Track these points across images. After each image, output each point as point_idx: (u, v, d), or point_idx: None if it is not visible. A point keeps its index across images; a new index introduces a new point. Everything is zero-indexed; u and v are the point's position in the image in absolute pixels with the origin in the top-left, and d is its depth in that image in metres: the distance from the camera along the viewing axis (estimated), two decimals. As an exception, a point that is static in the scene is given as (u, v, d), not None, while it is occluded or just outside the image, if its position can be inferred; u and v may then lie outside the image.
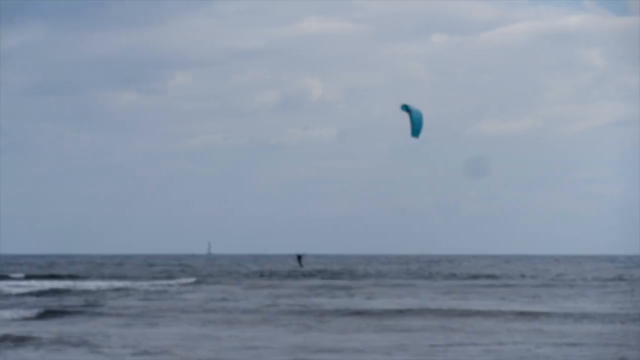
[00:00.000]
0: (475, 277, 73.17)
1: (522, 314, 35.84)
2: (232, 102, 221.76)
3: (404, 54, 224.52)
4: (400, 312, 37.04)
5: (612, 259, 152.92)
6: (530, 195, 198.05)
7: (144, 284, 62.03)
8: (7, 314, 36.94)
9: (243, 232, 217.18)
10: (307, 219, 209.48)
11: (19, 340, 27.30)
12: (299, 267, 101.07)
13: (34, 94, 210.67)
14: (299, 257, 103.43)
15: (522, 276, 72.00)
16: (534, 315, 35.54)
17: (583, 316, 35.12)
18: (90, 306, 41.76)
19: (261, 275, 79.37)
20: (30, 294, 52.47)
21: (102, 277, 74.32)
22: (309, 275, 75.87)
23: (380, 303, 42.56)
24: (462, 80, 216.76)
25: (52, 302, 44.56)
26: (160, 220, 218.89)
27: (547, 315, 35.60)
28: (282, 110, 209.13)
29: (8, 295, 51.01)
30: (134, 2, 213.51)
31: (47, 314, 37.36)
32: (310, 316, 35.56)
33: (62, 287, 59.17)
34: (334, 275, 74.64)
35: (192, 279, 69.22)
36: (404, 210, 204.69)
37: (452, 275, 74.25)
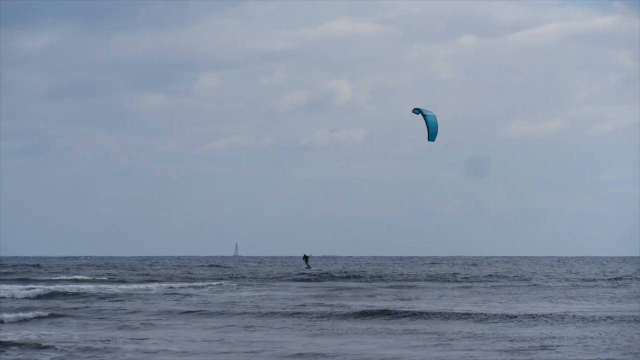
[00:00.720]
0: (506, 277, 72.44)
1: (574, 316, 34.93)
2: (259, 103, 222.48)
3: (431, 55, 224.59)
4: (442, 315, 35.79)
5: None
6: (558, 197, 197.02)
7: (194, 285, 61.86)
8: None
9: (270, 233, 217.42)
10: (335, 221, 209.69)
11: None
12: (306, 268, 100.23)
13: (61, 96, 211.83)
14: (306, 258, 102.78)
15: (565, 278, 71.03)
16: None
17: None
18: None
19: (299, 274, 78.32)
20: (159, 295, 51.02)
21: (152, 279, 73.86)
22: (345, 276, 75.02)
23: (429, 305, 41.52)
24: (490, 82, 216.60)
25: (171, 304, 43.08)
26: (188, 222, 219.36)
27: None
28: (310, 111, 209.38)
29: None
30: (161, 3, 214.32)
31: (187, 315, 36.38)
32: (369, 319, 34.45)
33: (142, 288, 58.45)
34: (372, 277, 73.80)
35: (232, 282, 68.69)
36: (431, 212, 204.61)
37: (489, 277, 73.45)
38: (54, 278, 72.13)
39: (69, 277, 74.92)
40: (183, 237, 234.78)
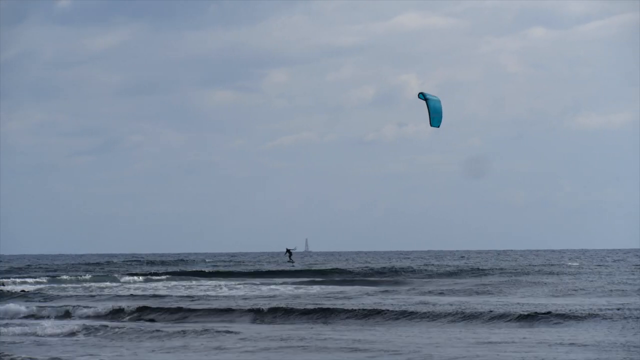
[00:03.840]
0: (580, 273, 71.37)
1: None
2: (327, 99, 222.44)
3: (500, 48, 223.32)
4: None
5: None
6: (627, 189, 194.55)
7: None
8: None
9: (339, 228, 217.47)
10: (403, 215, 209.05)
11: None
12: (289, 263, 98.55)
13: (130, 93, 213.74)
14: (289, 252, 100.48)
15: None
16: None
17: None
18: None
19: (379, 271, 77.58)
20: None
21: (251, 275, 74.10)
22: (426, 272, 73.91)
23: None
24: (559, 74, 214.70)
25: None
26: (256, 218, 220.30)
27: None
28: (378, 106, 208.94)
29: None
30: (230, 0, 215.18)
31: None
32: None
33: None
34: (454, 273, 72.92)
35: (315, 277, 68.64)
36: (498, 205, 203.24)
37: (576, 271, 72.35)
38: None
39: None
40: (252, 234, 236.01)
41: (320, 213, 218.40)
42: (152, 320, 34.16)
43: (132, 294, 47.92)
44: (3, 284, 59.44)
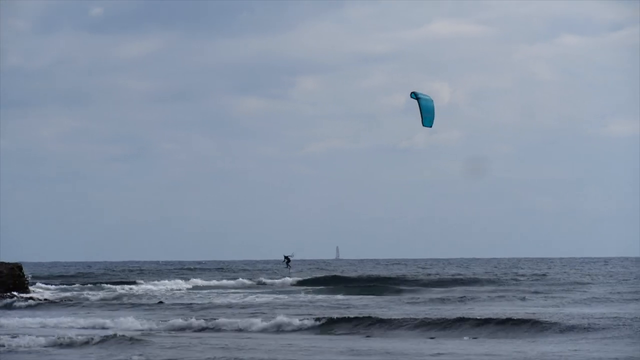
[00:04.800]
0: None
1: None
2: (358, 106, 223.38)
3: (531, 55, 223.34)
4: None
5: None
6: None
7: None
8: None
9: (370, 236, 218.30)
10: (434, 222, 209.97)
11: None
12: (287, 269, 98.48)
13: (161, 100, 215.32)
14: (287, 259, 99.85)
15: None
16: None
17: None
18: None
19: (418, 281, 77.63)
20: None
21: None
22: (463, 282, 74.54)
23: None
24: (589, 81, 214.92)
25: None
26: (286, 225, 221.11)
27: None
28: (409, 114, 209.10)
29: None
30: (262, 8, 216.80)
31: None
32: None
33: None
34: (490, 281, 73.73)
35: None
36: (527, 212, 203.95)
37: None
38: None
39: None
40: (282, 241, 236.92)
41: (351, 220, 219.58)
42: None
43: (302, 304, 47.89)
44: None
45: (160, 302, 50.62)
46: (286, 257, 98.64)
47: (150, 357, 25.76)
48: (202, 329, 34.67)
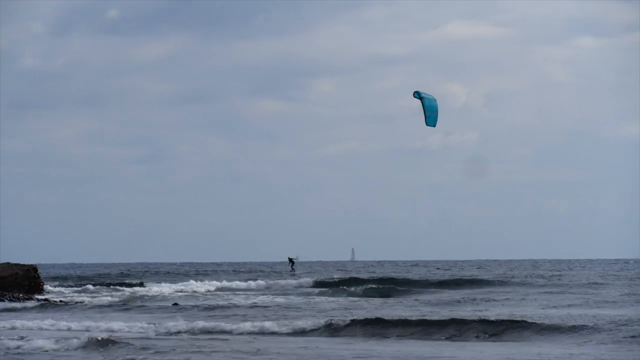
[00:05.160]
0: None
1: None
2: (373, 108, 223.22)
3: (547, 57, 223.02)
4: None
5: None
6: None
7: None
8: None
9: (385, 237, 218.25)
10: (449, 224, 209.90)
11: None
12: (292, 271, 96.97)
13: (177, 103, 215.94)
14: (291, 261, 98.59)
15: None
16: None
17: None
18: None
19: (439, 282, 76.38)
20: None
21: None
22: (477, 282, 73.90)
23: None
24: (607, 83, 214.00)
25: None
26: (302, 227, 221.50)
27: None
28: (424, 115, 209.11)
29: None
30: (279, 10, 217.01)
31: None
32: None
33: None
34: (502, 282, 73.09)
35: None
36: (543, 214, 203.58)
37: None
38: None
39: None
40: (298, 243, 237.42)
41: (366, 222, 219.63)
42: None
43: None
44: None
45: (175, 304, 50.30)
46: (290, 260, 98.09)
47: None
48: (222, 332, 33.96)
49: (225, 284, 76.30)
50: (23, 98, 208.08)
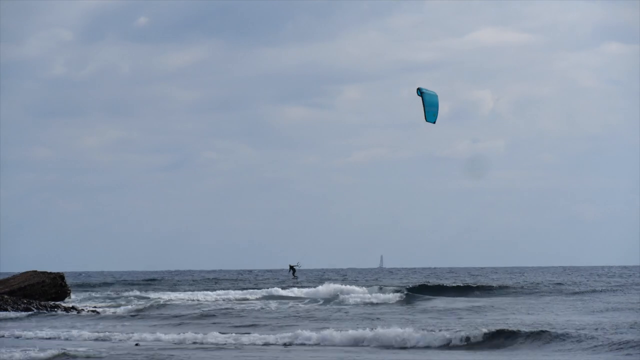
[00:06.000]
0: None
1: None
2: (400, 115, 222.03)
3: (575, 63, 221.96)
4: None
5: None
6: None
7: None
8: None
9: (413, 245, 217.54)
10: (476, 231, 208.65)
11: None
12: (293, 279, 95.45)
13: (204, 110, 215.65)
14: (292, 268, 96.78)
15: None
16: None
17: None
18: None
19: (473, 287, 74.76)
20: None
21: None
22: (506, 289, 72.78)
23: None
24: (635, 89, 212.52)
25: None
26: (329, 234, 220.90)
27: None
28: (452, 122, 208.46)
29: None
30: (307, 17, 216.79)
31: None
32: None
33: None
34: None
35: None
36: (572, 220, 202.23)
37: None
38: None
39: None
40: (326, 250, 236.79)
41: (393, 229, 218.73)
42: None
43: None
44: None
45: (214, 316, 48.18)
46: (292, 267, 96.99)
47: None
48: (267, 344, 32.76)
49: (269, 291, 72.01)
50: (51, 106, 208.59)
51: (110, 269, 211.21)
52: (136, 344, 32.84)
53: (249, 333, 35.62)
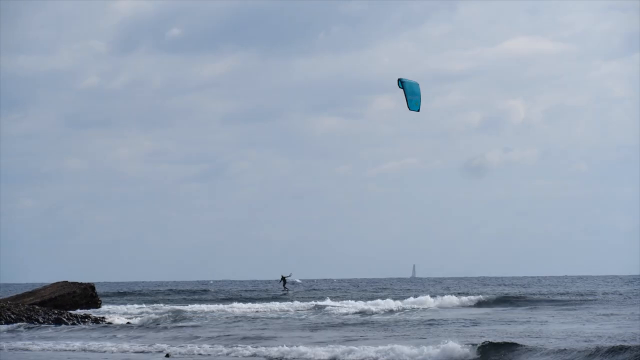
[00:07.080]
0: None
1: None
2: (433, 124, 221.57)
3: (607, 72, 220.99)
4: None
5: None
6: None
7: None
8: None
9: (445, 254, 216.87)
10: (510, 241, 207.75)
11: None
12: (284, 290, 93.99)
13: (237, 120, 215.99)
14: (284, 279, 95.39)
15: None
16: None
17: None
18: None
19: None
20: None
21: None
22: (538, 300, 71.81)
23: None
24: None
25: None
26: (362, 243, 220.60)
27: None
28: (484, 131, 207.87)
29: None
30: (340, 27, 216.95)
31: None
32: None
33: None
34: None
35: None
36: (603, 228, 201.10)
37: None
38: None
39: None
40: (357, 260, 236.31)
41: (426, 238, 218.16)
42: None
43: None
44: None
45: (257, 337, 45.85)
46: (283, 278, 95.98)
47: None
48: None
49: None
50: (84, 117, 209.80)
51: (142, 279, 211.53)
52: (167, 355, 32.49)
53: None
